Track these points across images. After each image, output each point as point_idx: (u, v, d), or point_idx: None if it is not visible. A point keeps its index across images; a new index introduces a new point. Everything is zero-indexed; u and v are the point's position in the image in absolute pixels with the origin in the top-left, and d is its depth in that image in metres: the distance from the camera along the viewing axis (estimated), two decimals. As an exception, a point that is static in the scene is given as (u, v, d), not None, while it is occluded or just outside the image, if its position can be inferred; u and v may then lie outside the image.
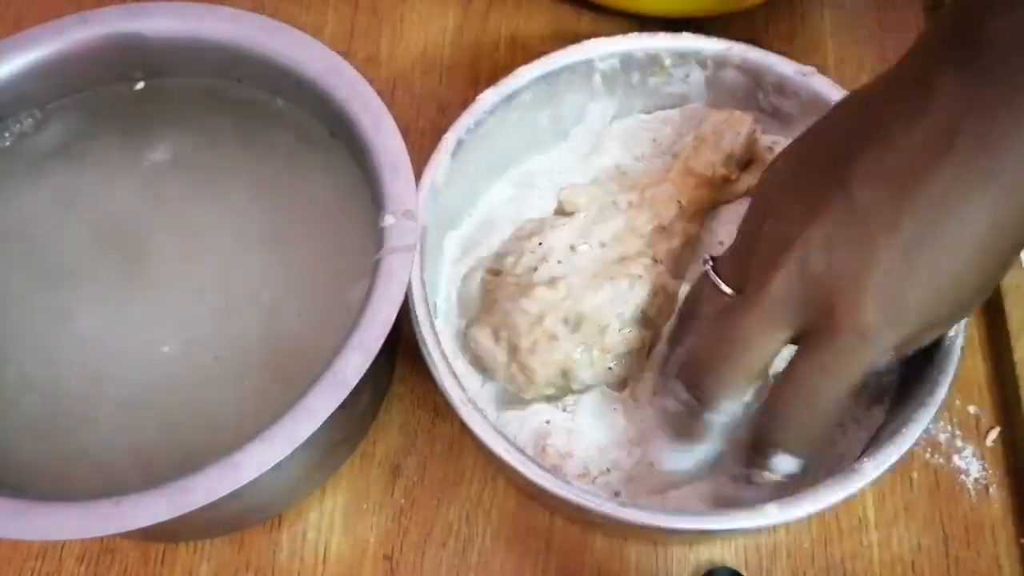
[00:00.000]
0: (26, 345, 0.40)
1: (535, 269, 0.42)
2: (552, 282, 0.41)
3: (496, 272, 0.44)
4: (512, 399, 0.43)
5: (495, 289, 0.43)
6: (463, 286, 0.46)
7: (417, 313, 0.39)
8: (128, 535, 0.43)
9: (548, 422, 0.42)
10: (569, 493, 0.36)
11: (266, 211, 0.43)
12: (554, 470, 0.37)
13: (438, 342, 0.39)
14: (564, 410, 0.42)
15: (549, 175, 0.49)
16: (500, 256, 0.45)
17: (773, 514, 0.35)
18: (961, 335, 0.39)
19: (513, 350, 0.41)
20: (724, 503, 0.40)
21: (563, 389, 0.41)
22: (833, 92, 0.45)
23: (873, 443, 0.39)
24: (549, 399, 0.42)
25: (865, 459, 0.36)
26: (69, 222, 0.42)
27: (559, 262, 0.43)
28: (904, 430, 0.37)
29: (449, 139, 0.43)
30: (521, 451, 0.37)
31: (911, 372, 0.40)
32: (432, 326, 0.39)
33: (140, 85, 0.45)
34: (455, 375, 0.38)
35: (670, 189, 0.44)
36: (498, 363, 0.41)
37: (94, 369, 0.39)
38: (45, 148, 0.44)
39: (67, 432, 0.38)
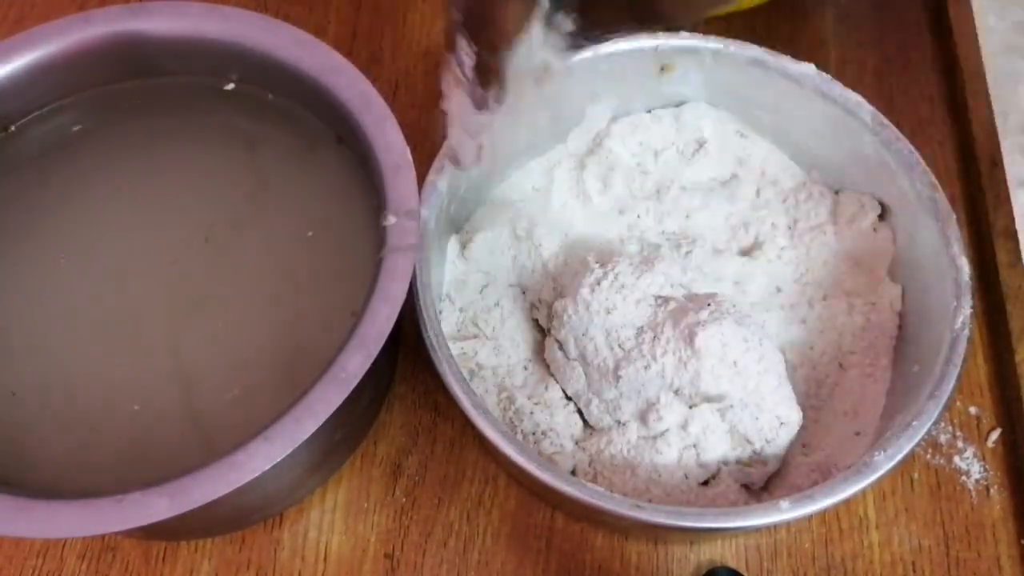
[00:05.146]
0: (28, 343, 0.40)
1: None
2: None
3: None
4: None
5: None
6: (466, 287, 0.46)
7: (425, 317, 0.39)
8: (130, 533, 0.43)
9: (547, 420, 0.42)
10: (585, 494, 0.36)
11: (268, 210, 0.43)
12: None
13: (446, 345, 0.39)
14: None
15: (550, 177, 0.49)
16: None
17: (786, 509, 0.35)
18: (968, 327, 0.39)
19: None
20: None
21: None
22: (833, 89, 0.45)
23: (881, 438, 0.39)
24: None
25: (877, 453, 0.37)
26: (70, 221, 0.42)
27: None
28: (915, 423, 0.37)
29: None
30: (531, 453, 0.37)
31: (919, 367, 0.40)
32: (439, 329, 0.39)
33: (142, 84, 0.45)
34: (464, 379, 0.38)
35: None
36: None
37: (95, 367, 0.39)
38: (48, 146, 0.44)
39: (70, 430, 0.38)
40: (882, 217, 0.46)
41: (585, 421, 0.43)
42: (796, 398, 0.42)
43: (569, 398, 0.43)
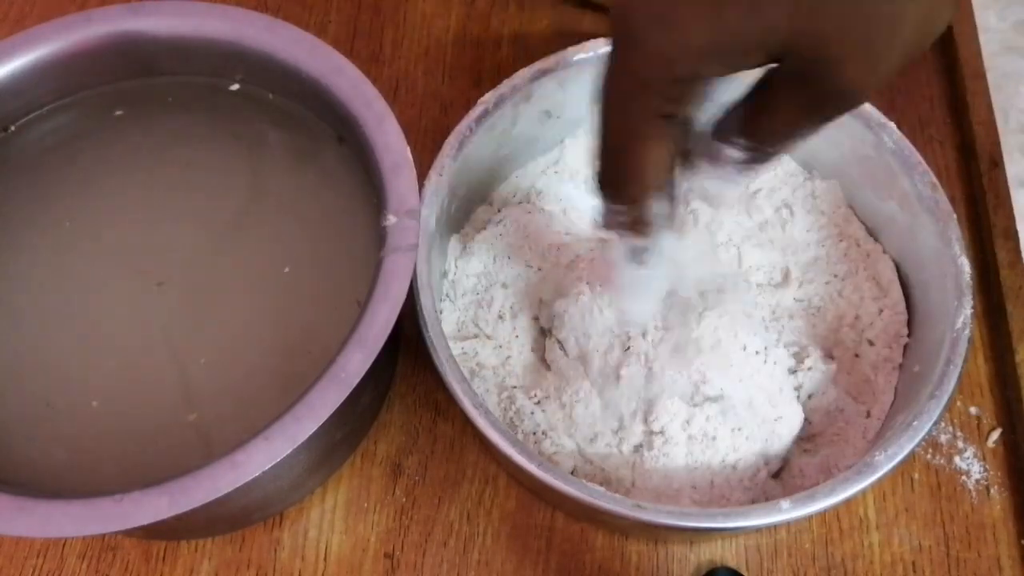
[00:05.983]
0: (26, 343, 0.40)
1: None
2: None
3: None
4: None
5: None
6: (467, 287, 0.46)
7: (425, 317, 0.39)
8: (130, 533, 0.43)
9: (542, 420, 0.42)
10: (585, 494, 0.36)
11: (269, 210, 0.43)
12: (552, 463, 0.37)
13: (446, 345, 0.39)
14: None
15: (550, 177, 0.49)
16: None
17: (786, 509, 0.35)
18: (968, 327, 0.39)
19: None
20: None
21: None
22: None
23: (881, 438, 0.39)
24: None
25: (877, 453, 0.37)
26: (70, 220, 0.42)
27: None
28: (915, 423, 0.37)
29: (451, 143, 0.43)
30: (531, 453, 0.37)
31: (919, 367, 0.40)
32: (439, 329, 0.39)
33: (142, 84, 0.45)
34: (464, 379, 0.38)
35: None
36: None
37: (95, 366, 0.39)
38: (47, 145, 0.44)
39: (69, 430, 0.38)
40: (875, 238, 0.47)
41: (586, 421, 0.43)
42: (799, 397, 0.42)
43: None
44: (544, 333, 0.45)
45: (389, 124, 0.40)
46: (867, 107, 0.44)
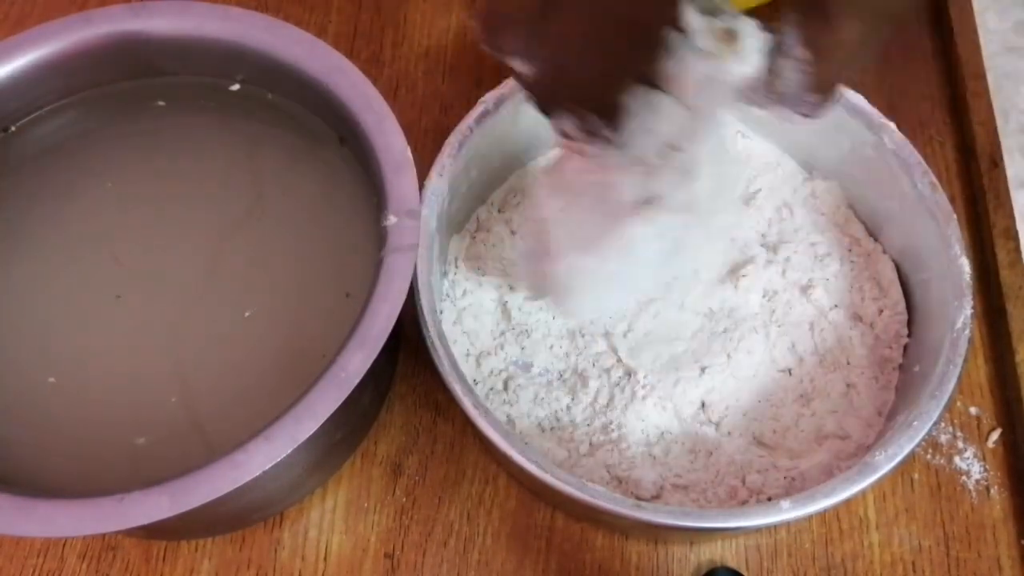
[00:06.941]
0: (26, 343, 0.40)
1: None
2: None
3: None
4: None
5: None
6: (469, 287, 0.46)
7: (425, 316, 0.39)
8: (130, 532, 0.43)
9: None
10: (585, 494, 0.36)
11: (269, 210, 0.43)
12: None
13: (446, 345, 0.39)
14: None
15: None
16: None
17: (786, 509, 0.35)
18: (968, 328, 0.39)
19: None
20: None
21: None
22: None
23: (881, 438, 0.39)
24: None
25: (877, 453, 0.37)
26: (71, 220, 0.42)
27: None
28: (916, 423, 0.37)
29: (451, 143, 0.43)
30: (531, 452, 0.37)
31: (919, 367, 0.41)
32: (439, 329, 0.39)
33: (143, 84, 0.45)
34: (464, 379, 0.38)
35: None
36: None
37: (94, 367, 0.39)
38: (48, 146, 0.44)
39: (70, 430, 0.38)
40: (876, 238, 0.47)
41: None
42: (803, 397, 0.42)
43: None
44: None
45: (389, 124, 0.40)
46: (867, 107, 0.44)
